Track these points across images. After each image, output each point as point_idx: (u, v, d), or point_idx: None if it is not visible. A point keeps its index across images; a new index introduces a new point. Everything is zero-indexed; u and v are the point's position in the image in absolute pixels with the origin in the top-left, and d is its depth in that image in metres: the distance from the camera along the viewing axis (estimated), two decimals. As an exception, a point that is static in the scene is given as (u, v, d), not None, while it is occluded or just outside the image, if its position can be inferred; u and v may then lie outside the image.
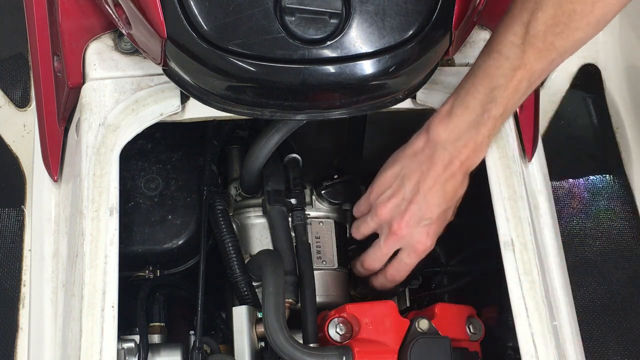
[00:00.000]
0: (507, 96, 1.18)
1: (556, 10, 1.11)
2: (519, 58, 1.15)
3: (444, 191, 1.25)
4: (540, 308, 1.23)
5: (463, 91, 1.21)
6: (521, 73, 1.16)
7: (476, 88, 1.19)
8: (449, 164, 1.23)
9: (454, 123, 1.21)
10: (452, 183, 1.25)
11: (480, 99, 1.19)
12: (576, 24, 1.12)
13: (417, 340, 1.24)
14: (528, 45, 1.14)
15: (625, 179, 2.25)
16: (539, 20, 1.12)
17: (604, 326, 2.07)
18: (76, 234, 1.25)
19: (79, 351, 1.16)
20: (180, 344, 1.33)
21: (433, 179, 1.24)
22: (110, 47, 1.34)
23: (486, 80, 1.18)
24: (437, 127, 1.22)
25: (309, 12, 1.14)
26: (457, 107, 1.21)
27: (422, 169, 1.25)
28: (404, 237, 1.29)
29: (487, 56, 1.18)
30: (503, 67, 1.17)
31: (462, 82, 1.22)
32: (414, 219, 1.27)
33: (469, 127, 1.21)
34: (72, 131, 1.41)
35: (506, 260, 1.26)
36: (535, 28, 1.13)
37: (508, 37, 1.16)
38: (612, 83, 2.33)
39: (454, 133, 1.22)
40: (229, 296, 1.44)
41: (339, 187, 1.51)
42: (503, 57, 1.16)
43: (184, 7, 1.14)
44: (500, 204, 1.29)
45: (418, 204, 1.26)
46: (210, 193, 1.41)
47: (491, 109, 1.19)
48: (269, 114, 1.20)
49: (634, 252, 2.16)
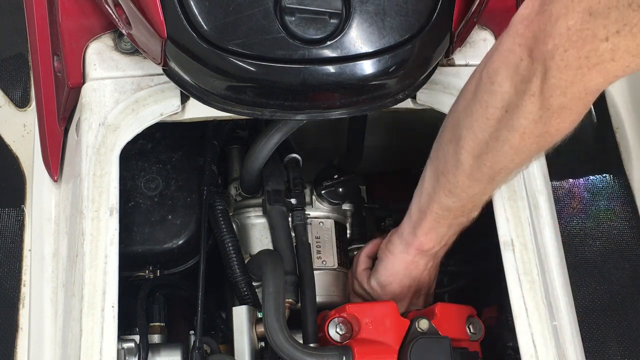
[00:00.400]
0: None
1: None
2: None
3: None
4: (540, 308, 1.23)
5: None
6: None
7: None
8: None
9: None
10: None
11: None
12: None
13: (417, 340, 1.24)
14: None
15: (625, 179, 2.24)
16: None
17: (604, 326, 2.07)
18: (76, 234, 1.25)
19: (79, 351, 1.16)
20: (180, 344, 1.33)
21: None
22: (110, 47, 1.34)
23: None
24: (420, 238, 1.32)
25: (309, 12, 1.14)
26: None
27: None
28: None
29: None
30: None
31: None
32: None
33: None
34: (72, 131, 1.41)
35: (506, 260, 1.26)
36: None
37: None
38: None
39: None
40: (229, 296, 1.44)
41: (339, 187, 1.51)
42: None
43: (184, 7, 1.14)
44: (500, 204, 1.29)
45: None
46: (210, 193, 1.41)
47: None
48: (269, 114, 1.20)
49: (634, 252, 2.16)
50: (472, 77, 1.12)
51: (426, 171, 1.26)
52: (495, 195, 1.29)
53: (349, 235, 1.55)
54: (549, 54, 0.96)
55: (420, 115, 1.34)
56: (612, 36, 0.91)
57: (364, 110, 1.22)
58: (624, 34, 0.90)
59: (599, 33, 0.92)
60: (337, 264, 1.46)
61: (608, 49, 0.92)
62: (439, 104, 1.32)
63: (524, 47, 1.00)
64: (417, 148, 1.31)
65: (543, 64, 0.98)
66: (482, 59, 1.10)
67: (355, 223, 1.57)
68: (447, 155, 1.18)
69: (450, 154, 1.17)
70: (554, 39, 0.95)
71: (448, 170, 1.19)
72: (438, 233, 1.30)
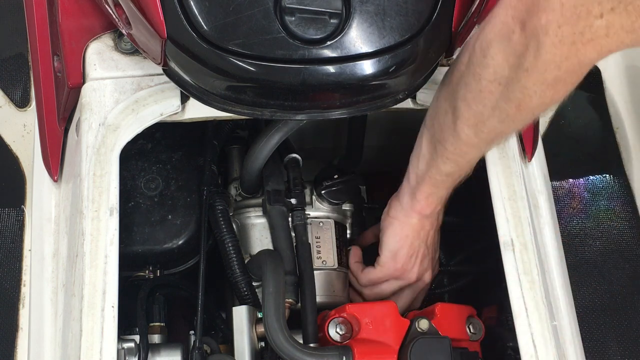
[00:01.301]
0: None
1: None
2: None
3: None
4: (540, 308, 1.23)
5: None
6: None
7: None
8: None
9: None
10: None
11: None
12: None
13: (417, 340, 1.24)
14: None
15: (625, 179, 2.25)
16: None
17: (604, 326, 2.07)
18: (76, 234, 1.25)
19: (79, 351, 1.16)
20: (180, 344, 1.33)
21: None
22: (110, 47, 1.34)
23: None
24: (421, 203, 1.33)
25: (309, 12, 1.14)
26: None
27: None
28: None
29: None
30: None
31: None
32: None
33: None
34: (72, 131, 1.41)
35: (506, 260, 1.26)
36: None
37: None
38: (612, 83, 2.33)
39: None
40: (229, 296, 1.44)
41: (339, 187, 1.51)
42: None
43: (184, 7, 1.14)
44: (500, 204, 1.29)
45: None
46: (210, 193, 1.41)
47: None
48: (269, 114, 1.20)
49: (634, 252, 2.16)
50: (465, 49, 1.13)
51: (422, 138, 1.26)
52: (495, 195, 1.29)
53: (349, 235, 1.55)
54: (543, 29, 0.97)
55: (420, 115, 1.34)
56: (607, 13, 0.92)
57: (364, 110, 1.22)
58: (618, 12, 0.91)
59: (594, 10, 0.92)
60: (337, 264, 1.46)
61: (602, 25, 0.93)
62: (439, 104, 1.32)
63: (517, 19, 1.00)
64: (417, 148, 1.31)
65: (536, 39, 0.98)
66: (477, 30, 1.10)
67: (355, 223, 1.57)
68: (443, 125, 1.20)
69: (447, 124, 1.18)
70: (547, 14, 0.95)
71: (445, 139, 1.20)
72: (438, 196, 1.31)
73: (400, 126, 1.64)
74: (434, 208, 1.33)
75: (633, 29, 0.92)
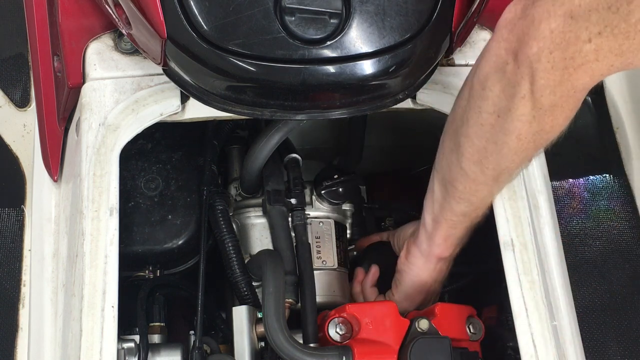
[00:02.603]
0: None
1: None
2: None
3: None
4: (540, 308, 1.23)
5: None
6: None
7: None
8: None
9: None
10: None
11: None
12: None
13: (417, 340, 1.24)
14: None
15: (625, 179, 2.24)
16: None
17: (604, 326, 2.07)
18: (76, 234, 1.25)
19: (79, 351, 1.16)
20: (180, 344, 1.33)
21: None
22: (110, 47, 1.34)
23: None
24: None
25: (309, 12, 1.14)
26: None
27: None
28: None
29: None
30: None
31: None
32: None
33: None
34: (72, 131, 1.41)
35: (506, 260, 1.26)
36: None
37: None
38: (612, 83, 2.33)
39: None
40: (229, 296, 1.44)
41: (339, 187, 1.51)
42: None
43: (184, 7, 1.14)
44: (500, 204, 1.29)
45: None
46: (210, 193, 1.41)
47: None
48: (269, 114, 1.20)
49: (634, 252, 2.16)
50: (465, 85, 1.14)
51: (433, 180, 1.27)
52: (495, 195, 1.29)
53: (349, 235, 1.55)
54: (535, 57, 0.99)
55: (420, 115, 1.34)
56: (595, 37, 0.94)
57: (364, 110, 1.22)
58: (605, 35, 0.93)
59: (582, 35, 0.94)
60: (337, 264, 1.46)
61: (592, 49, 0.95)
62: (439, 104, 1.32)
63: (509, 51, 1.02)
64: (417, 148, 1.31)
65: (529, 67, 1.00)
66: (473, 66, 1.12)
67: (355, 223, 1.57)
68: (451, 165, 1.20)
69: (454, 162, 1.19)
70: (538, 42, 0.98)
71: (455, 179, 1.21)
72: (456, 237, 1.31)
73: (400, 126, 1.64)
74: (453, 250, 1.33)
75: (621, 51, 0.94)
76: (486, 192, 1.23)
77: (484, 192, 1.22)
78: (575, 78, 0.99)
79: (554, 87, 1.01)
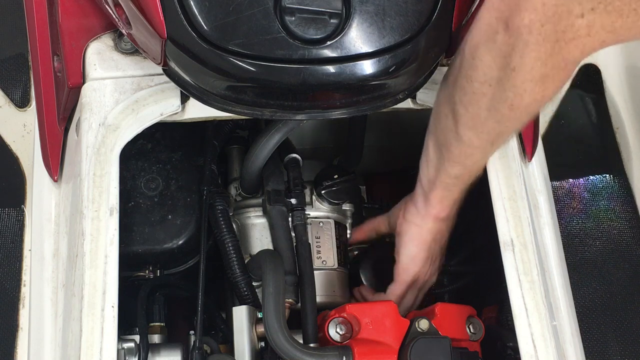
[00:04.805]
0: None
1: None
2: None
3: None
4: (540, 308, 1.23)
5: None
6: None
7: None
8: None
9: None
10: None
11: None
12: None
13: (417, 340, 1.24)
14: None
15: (625, 179, 2.25)
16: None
17: (604, 326, 2.07)
18: (76, 234, 1.25)
19: (79, 351, 1.16)
20: (180, 344, 1.33)
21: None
22: (110, 47, 1.34)
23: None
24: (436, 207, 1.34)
25: (309, 12, 1.14)
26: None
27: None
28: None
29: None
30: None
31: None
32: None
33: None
34: (72, 131, 1.41)
35: (506, 260, 1.26)
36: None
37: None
38: (612, 83, 2.33)
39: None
40: (229, 296, 1.44)
41: (339, 187, 1.51)
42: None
43: (184, 7, 1.14)
44: (500, 203, 1.29)
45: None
46: (210, 193, 1.41)
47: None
48: (269, 114, 1.20)
49: (634, 252, 2.16)
50: (457, 53, 1.15)
51: (428, 142, 1.28)
52: (495, 195, 1.29)
53: (349, 235, 1.55)
54: (527, 28, 0.99)
55: (420, 115, 1.34)
56: (588, 13, 0.94)
57: (364, 110, 1.22)
58: (599, 12, 0.93)
59: (574, 9, 0.95)
60: (337, 264, 1.46)
61: (584, 24, 0.95)
62: (439, 104, 1.32)
63: (500, 20, 1.02)
64: (417, 148, 1.31)
65: (521, 38, 1.00)
66: (466, 33, 1.12)
67: (355, 223, 1.57)
68: (445, 129, 1.21)
69: (449, 127, 1.20)
70: (529, 14, 0.98)
71: (449, 143, 1.22)
72: (451, 199, 1.32)
73: (400, 126, 1.65)
74: (449, 211, 1.34)
75: (613, 28, 0.94)
76: (481, 156, 1.24)
77: (478, 156, 1.24)
78: (567, 51, 0.99)
79: (545, 59, 1.01)
